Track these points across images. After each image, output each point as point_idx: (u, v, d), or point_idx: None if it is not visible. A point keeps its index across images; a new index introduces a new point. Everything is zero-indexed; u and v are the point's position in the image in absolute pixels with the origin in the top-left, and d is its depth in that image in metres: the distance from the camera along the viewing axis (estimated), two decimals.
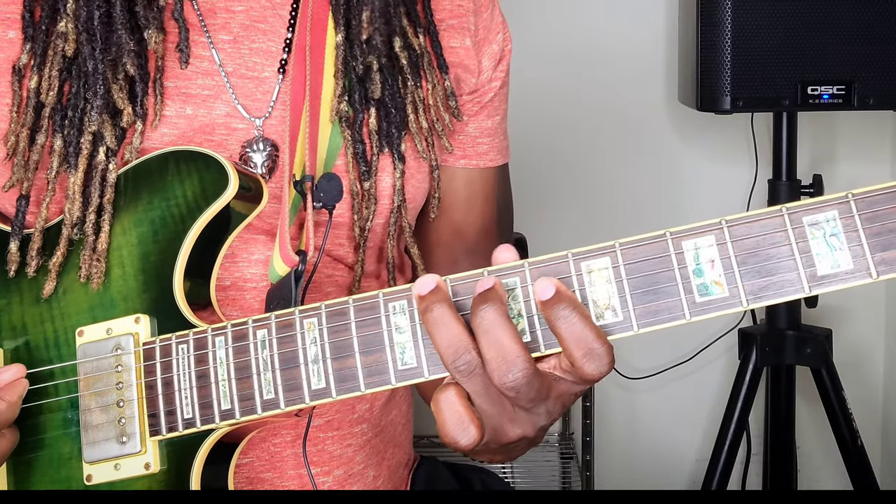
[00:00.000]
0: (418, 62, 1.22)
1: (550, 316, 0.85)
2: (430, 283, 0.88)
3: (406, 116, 1.21)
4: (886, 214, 0.79)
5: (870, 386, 3.14)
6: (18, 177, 1.10)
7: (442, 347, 0.86)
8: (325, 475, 1.21)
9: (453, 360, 0.86)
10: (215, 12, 1.15)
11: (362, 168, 1.19)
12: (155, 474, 1.00)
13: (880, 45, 2.31)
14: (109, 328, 1.03)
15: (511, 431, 0.92)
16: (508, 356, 0.85)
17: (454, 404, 0.88)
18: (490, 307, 0.85)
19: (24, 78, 1.10)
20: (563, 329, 0.84)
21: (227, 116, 1.14)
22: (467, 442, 0.88)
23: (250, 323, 0.97)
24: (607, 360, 0.85)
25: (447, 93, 1.25)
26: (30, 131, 1.10)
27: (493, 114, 1.33)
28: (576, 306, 0.84)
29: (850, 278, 0.79)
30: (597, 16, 3.00)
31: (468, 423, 0.88)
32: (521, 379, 0.85)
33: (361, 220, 1.20)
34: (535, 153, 2.92)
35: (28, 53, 1.10)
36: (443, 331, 0.86)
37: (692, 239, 0.84)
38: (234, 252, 1.13)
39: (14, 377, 1.04)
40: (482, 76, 1.29)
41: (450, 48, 1.26)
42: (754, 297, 0.81)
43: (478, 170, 1.34)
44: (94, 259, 1.06)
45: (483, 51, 1.29)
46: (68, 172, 1.08)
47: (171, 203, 1.05)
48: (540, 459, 3.01)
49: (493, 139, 1.34)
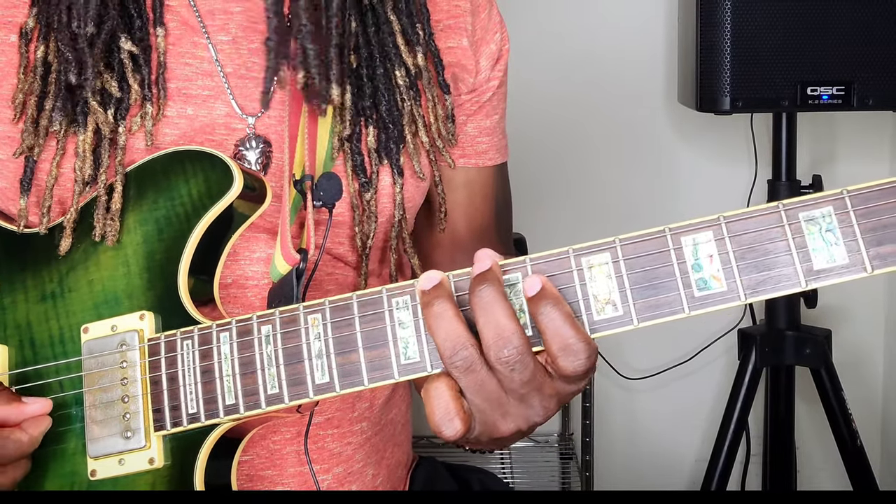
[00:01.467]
0: (416, 79, 1.23)
1: (534, 311, 0.86)
2: (434, 279, 0.89)
3: (404, 132, 1.22)
4: (881, 210, 0.80)
5: (869, 386, 3.14)
6: (29, 143, 1.11)
7: (441, 341, 0.88)
8: (325, 473, 1.22)
9: (451, 356, 0.88)
10: (214, 14, 1.16)
11: (362, 180, 1.20)
12: (159, 469, 1.01)
13: (880, 46, 2.31)
14: (114, 325, 1.04)
15: (504, 426, 0.93)
16: (504, 332, 0.86)
17: (443, 396, 0.89)
18: (488, 287, 0.87)
19: (31, 41, 1.12)
20: (543, 323, 0.86)
21: (227, 116, 1.15)
22: (451, 434, 0.90)
23: (255, 319, 0.98)
24: (584, 357, 0.86)
25: (447, 112, 1.26)
26: (38, 98, 1.11)
27: (491, 113, 1.34)
28: (557, 303, 0.86)
29: (845, 273, 0.81)
30: (596, 16, 3.00)
31: (454, 416, 0.89)
32: (516, 355, 0.87)
33: (364, 235, 1.21)
34: (534, 154, 2.92)
35: (34, 18, 1.12)
36: (442, 325, 0.88)
37: (691, 234, 0.85)
38: (235, 250, 1.14)
39: (40, 412, 1.05)
40: (480, 76, 1.30)
41: (447, 49, 1.27)
42: (752, 292, 0.83)
43: (476, 169, 1.34)
44: (108, 218, 1.08)
45: (481, 51, 1.30)
46: (77, 132, 1.10)
47: (177, 202, 1.06)
48: (539, 460, 3.01)
49: (491, 138, 1.34)
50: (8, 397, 1.04)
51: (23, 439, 1.02)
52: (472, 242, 1.36)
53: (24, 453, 1.03)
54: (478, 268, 0.88)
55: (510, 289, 0.89)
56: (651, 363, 3.10)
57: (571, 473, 3.01)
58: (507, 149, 1.40)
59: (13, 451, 1.02)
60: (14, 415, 1.03)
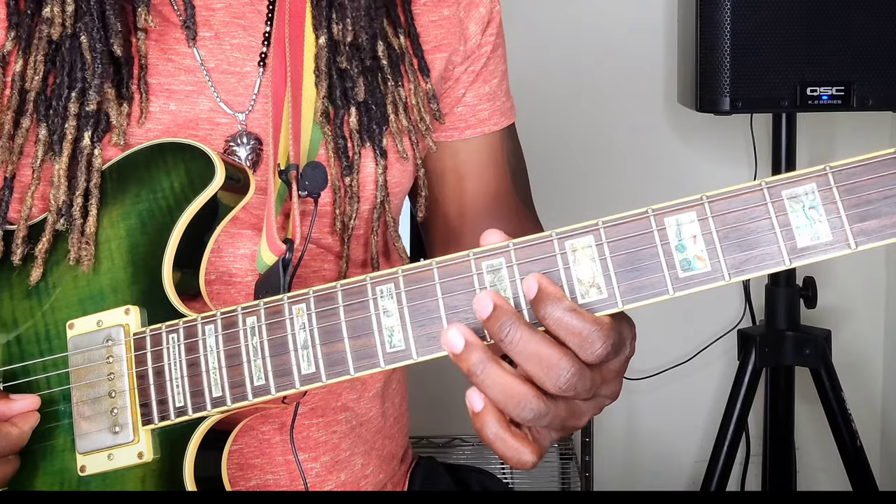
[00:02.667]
0: (398, 62, 1.23)
1: (539, 314, 0.85)
2: (458, 343, 0.87)
3: (387, 114, 1.22)
4: (864, 186, 0.80)
5: (869, 387, 3.14)
6: (2, 159, 1.10)
7: (499, 400, 0.86)
8: (313, 461, 1.22)
9: (519, 413, 0.86)
10: (196, 9, 1.16)
11: (344, 163, 1.19)
12: (148, 463, 1.00)
13: (879, 46, 2.31)
14: (100, 320, 1.04)
15: (577, 423, 0.92)
16: (551, 362, 0.85)
17: (502, 439, 0.87)
18: (509, 324, 0.85)
19: (9, 64, 1.11)
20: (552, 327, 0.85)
21: (210, 111, 1.15)
22: (531, 464, 0.88)
23: (239, 310, 0.97)
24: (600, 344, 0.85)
25: (429, 95, 1.26)
26: (14, 115, 1.10)
27: (489, 78, 1.33)
28: (558, 300, 0.85)
29: (829, 249, 0.80)
30: (595, 17, 3.00)
31: (523, 451, 0.87)
32: (573, 377, 0.85)
33: (344, 216, 1.21)
34: (533, 155, 2.90)
35: (12, 41, 1.11)
36: (494, 386, 0.86)
37: (674, 215, 0.84)
38: (219, 246, 1.14)
39: (29, 408, 1.05)
40: (471, 42, 1.30)
41: (431, 22, 1.27)
42: (736, 271, 0.82)
43: (482, 136, 1.34)
44: (83, 242, 1.07)
45: (470, 15, 1.30)
46: (53, 160, 1.09)
47: (159, 195, 1.05)
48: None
49: (493, 103, 1.34)
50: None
51: (12, 433, 1.02)
52: (490, 209, 1.36)
53: (14, 448, 1.03)
54: (481, 309, 0.86)
55: (494, 274, 0.88)
56: (651, 363, 3.09)
57: (571, 474, 3.01)
58: (513, 109, 1.40)
59: (3, 445, 1.01)
60: (1, 411, 1.03)
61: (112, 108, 1.10)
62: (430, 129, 1.27)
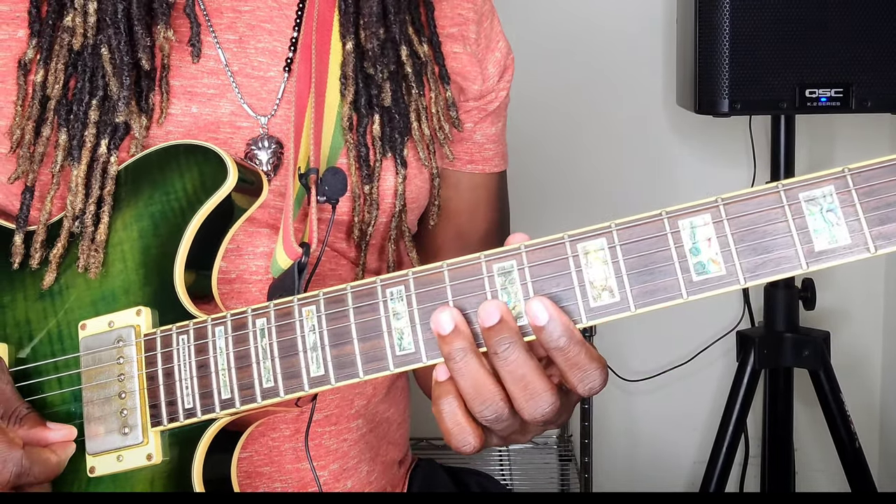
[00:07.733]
0: (422, 70, 1.23)
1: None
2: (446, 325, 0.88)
3: (409, 123, 1.22)
4: (883, 188, 0.79)
5: (868, 388, 3.14)
6: (24, 169, 1.11)
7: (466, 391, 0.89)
8: (321, 469, 1.22)
9: (481, 410, 0.88)
10: (222, 12, 1.16)
11: (364, 171, 1.19)
12: (157, 465, 1.01)
13: (878, 48, 2.31)
14: (111, 321, 1.04)
15: (522, 439, 0.95)
16: (537, 391, 0.87)
17: (455, 414, 0.90)
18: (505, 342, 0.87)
19: (30, 73, 1.11)
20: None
21: (232, 115, 1.15)
22: (467, 450, 0.90)
23: (249, 312, 0.98)
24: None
25: (448, 103, 1.26)
26: (35, 124, 1.11)
27: (496, 121, 1.35)
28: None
29: (847, 253, 0.79)
30: (594, 19, 3.00)
31: (468, 434, 0.90)
32: (551, 412, 0.87)
33: (363, 224, 1.21)
34: (533, 157, 2.92)
35: (34, 49, 1.11)
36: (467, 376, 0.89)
37: (688, 217, 0.84)
38: (238, 245, 1.14)
39: (67, 437, 1.04)
40: (488, 82, 1.31)
41: (452, 53, 1.27)
42: (752, 275, 0.81)
43: (483, 175, 1.35)
44: (93, 250, 1.07)
45: (487, 58, 1.30)
46: (71, 166, 1.09)
47: (172, 197, 1.05)
48: (538, 461, 3.00)
49: (497, 146, 1.36)
50: (34, 421, 1.04)
51: (52, 459, 1.02)
52: (478, 246, 1.35)
53: (51, 476, 1.03)
54: (487, 317, 0.87)
55: (505, 277, 0.89)
56: (650, 365, 3.10)
57: (570, 475, 3.00)
58: (507, 157, 1.41)
59: (41, 471, 1.01)
60: (38, 440, 1.03)
61: (134, 119, 1.10)
62: (448, 137, 1.27)
